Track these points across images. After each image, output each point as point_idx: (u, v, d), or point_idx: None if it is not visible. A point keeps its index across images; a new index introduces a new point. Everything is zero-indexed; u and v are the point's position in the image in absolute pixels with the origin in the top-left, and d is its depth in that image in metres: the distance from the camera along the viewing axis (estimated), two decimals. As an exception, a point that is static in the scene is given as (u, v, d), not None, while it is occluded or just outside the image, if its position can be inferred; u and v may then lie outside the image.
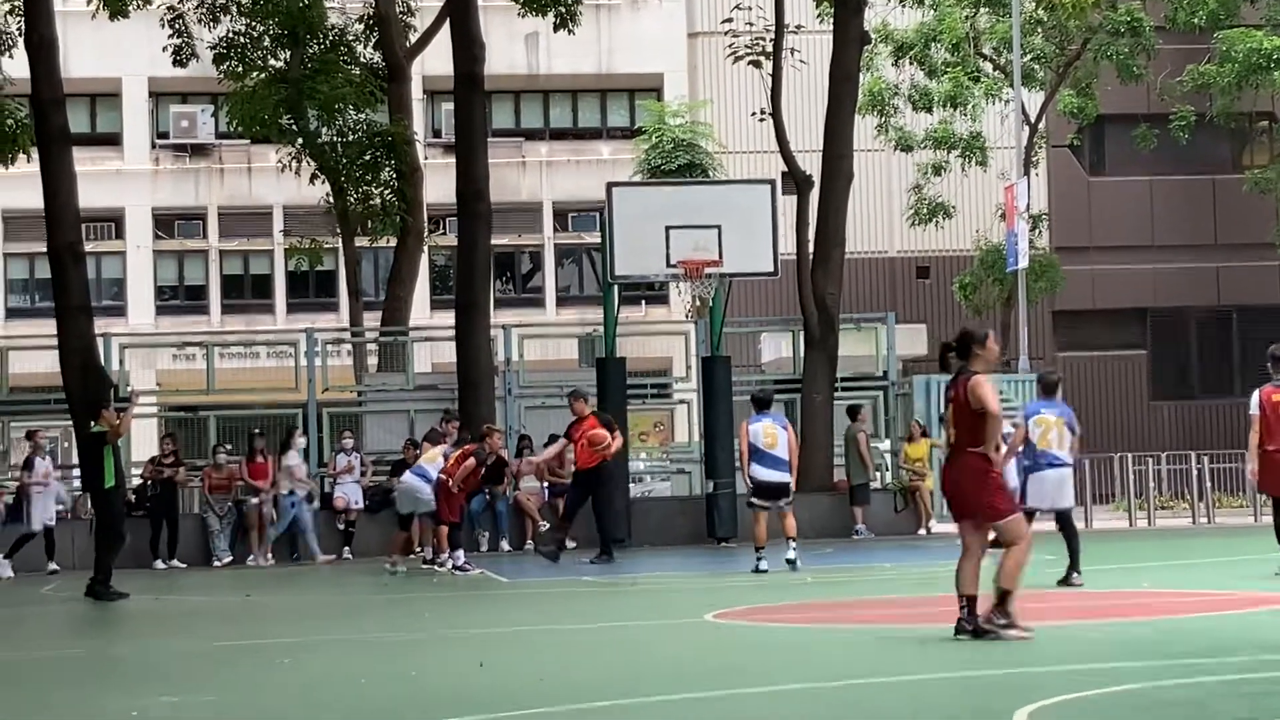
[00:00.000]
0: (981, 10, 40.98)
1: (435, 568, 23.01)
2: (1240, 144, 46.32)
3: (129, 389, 28.60)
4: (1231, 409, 38.63)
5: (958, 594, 12.65)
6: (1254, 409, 17.88)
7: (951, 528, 27.72)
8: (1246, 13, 41.90)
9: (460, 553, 22.59)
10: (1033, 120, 41.37)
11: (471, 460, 22.47)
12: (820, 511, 28.23)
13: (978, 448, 12.63)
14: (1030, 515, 16.89)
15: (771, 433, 20.22)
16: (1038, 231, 41.77)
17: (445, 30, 31.02)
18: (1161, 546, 24.33)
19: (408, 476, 23.45)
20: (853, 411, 29.01)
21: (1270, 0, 41.99)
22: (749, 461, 20.26)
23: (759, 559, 20.23)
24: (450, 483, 22.32)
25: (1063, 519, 17.57)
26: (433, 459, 22.87)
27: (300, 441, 27.62)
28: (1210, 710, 9.46)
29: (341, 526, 27.59)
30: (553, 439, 27.71)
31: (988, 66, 41.71)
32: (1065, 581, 17.11)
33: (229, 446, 28.53)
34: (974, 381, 12.70)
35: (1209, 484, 32.36)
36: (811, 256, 29.70)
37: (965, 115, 41.32)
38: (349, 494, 27.73)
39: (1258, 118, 44.62)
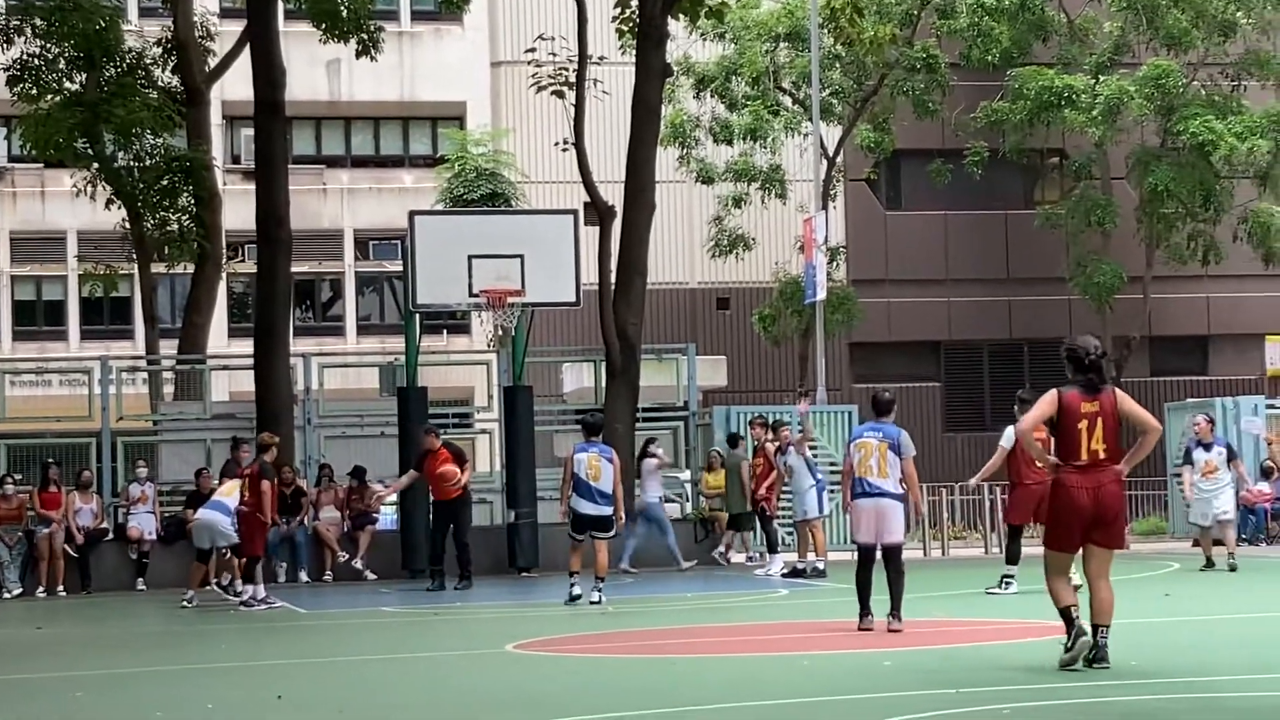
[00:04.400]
0: (781, 45, 41.52)
1: (228, 596, 22.83)
2: (1032, 180, 47.37)
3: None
4: (1023, 439, 39.27)
5: (1066, 608, 12.02)
6: (1007, 443, 19.49)
7: (742, 556, 28.18)
8: (1039, 51, 42.91)
9: (261, 587, 22.28)
10: (831, 154, 41.94)
11: (266, 483, 22.10)
12: (623, 541, 28.26)
13: (1119, 463, 12.09)
14: (869, 551, 15.51)
15: (595, 465, 19.96)
16: (835, 264, 42.33)
17: (245, 55, 30.73)
18: (955, 576, 24.76)
19: (204, 511, 23.03)
20: (732, 440, 28.31)
21: (1061, 40, 43.06)
22: (569, 492, 20.10)
23: (572, 585, 20.00)
24: (258, 514, 21.98)
25: (888, 554, 15.42)
26: (229, 493, 22.52)
27: (658, 450, 27.85)
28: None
29: (134, 557, 27.17)
30: (357, 470, 27.67)
31: (787, 100, 42.26)
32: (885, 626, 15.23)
33: (18, 476, 28.06)
34: (1123, 395, 12.19)
35: (1000, 514, 32.95)
36: (614, 287, 29.84)
37: (765, 148, 41.80)
38: (143, 524, 27.31)
39: (1048, 154, 45.63)
